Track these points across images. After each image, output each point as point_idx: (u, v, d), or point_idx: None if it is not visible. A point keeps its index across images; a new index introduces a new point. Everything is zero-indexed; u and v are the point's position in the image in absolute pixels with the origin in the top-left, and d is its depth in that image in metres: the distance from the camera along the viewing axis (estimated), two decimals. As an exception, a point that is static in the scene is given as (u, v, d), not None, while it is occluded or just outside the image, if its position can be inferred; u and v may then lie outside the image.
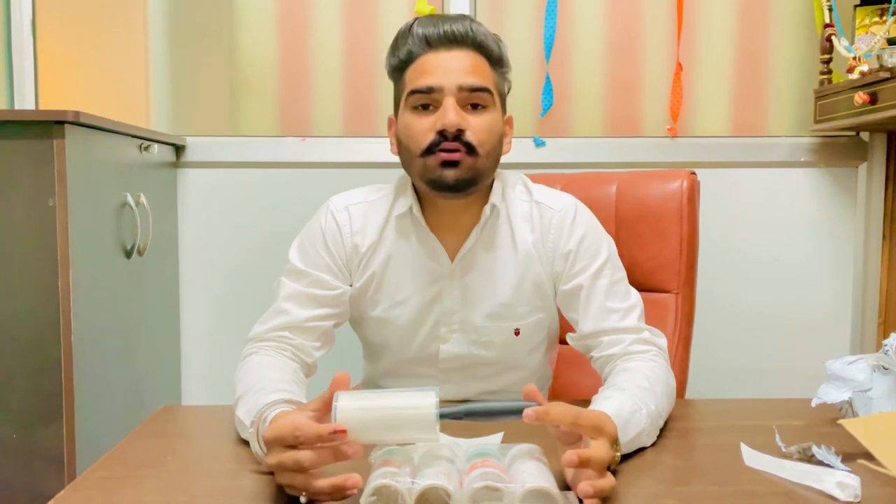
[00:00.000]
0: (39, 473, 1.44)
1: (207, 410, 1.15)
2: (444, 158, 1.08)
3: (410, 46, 1.12)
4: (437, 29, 1.10)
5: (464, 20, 1.11)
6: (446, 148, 1.07)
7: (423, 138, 1.09)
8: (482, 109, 1.10)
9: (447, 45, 1.10)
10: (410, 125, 1.11)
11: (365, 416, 0.75)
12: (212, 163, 2.06)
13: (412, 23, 1.13)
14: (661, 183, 1.44)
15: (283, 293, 1.14)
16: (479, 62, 1.11)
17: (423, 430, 0.75)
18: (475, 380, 1.21)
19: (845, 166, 2.02)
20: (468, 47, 1.11)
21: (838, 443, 0.87)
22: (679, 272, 1.40)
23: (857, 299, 2.03)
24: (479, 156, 1.09)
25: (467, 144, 1.08)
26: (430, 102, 1.09)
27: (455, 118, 1.07)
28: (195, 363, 2.09)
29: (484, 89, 1.10)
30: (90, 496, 0.79)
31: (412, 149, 1.11)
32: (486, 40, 1.12)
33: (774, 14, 2.03)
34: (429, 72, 1.09)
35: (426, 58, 1.10)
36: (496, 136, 1.12)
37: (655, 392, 0.97)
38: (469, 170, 1.09)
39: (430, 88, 1.08)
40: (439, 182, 1.09)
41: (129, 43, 2.12)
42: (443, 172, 1.08)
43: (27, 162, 1.41)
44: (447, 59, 1.10)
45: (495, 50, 1.13)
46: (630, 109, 2.06)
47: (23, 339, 1.43)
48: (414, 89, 1.10)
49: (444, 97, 1.08)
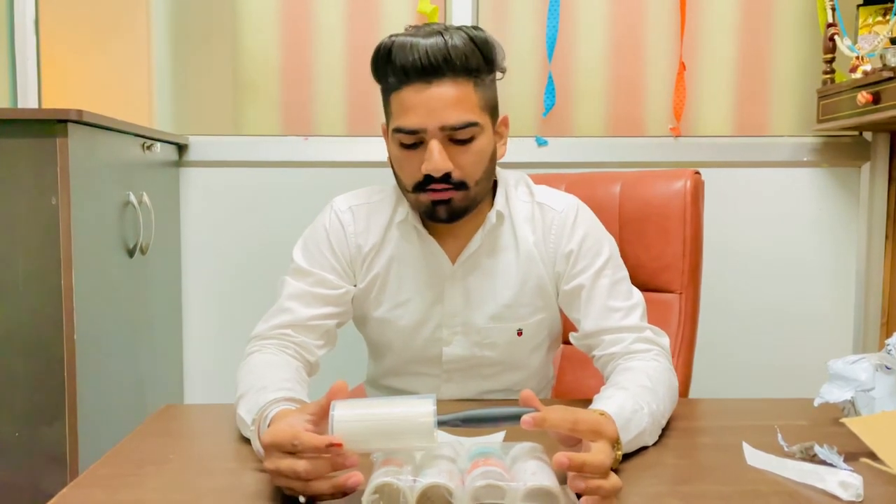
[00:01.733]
0: (42, 471, 1.44)
1: (210, 409, 1.15)
2: (434, 198, 1.08)
3: (391, 76, 1.07)
4: (413, 57, 1.03)
5: (438, 38, 1.04)
6: (435, 188, 1.07)
7: (412, 177, 1.09)
8: (469, 141, 1.08)
9: (426, 77, 1.04)
10: (399, 161, 1.11)
11: (361, 426, 0.74)
12: (214, 162, 2.06)
13: (390, 44, 1.06)
14: (666, 183, 1.44)
15: (287, 292, 1.14)
16: (461, 91, 1.06)
17: (420, 437, 0.75)
18: (478, 379, 1.21)
19: (848, 166, 2.02)
20: (447, 76, 1.05)
21: (841, 442, 0.87)
22: (683, 272, 1.40)
23: (859, 299, 2.03)
24: (470, 188, 1.09)
25: (455, 183, 1.08)
26: (416, 140, 1.07)
27: (439, 163, 1.05)
28: (197, 362, 2.09)
29: (468, 125, 1.06)
30: (92, 494, 0.79)
31: (403, 181, 1.12)
32: (466, 58, 1.05)
33: (777, 13, 2.03)
34: (411, 110, 1.05)
35: (406, 93, 1.06)
36: (485, 162, 1.11)
37: (657, 391, 0.97)
38: (461, 201, 1.09)
39: (413, 130, 1.06)
40: (432, 216, 1.11)
41: (132, 42, 2.12)
42: (434, 209, 1.09)
43: (30, 160, 1.41)
44: (426, 95, 1.04)
45: (477, 62, 1.07)
46: (633, 109, 2.06)
47: (26, 338, 1.43)
48: (398, 128, 1.07)
49: (428, 139, 1.06)
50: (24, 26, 2.06)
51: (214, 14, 2.11)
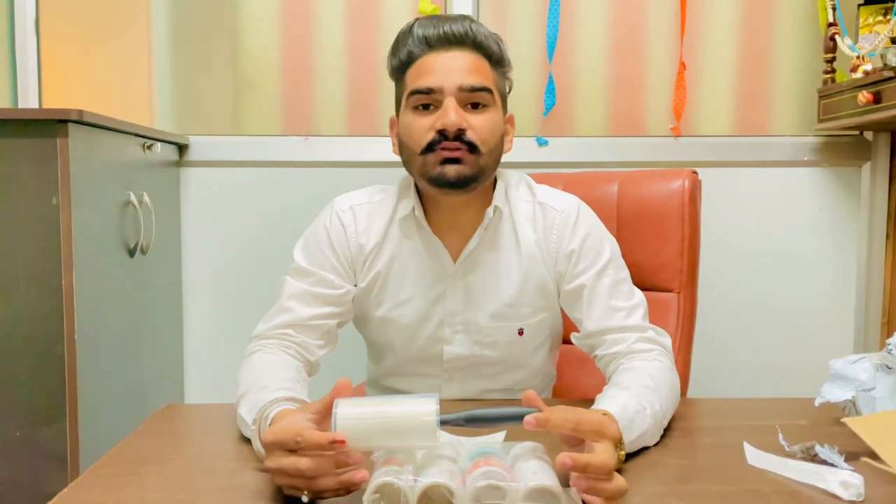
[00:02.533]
0: (43, 471, 1.44)
1: (210, 408, 1.16)
2: (444, 156, 1.08)
3: (411, 47, 1.12)
4: (437, 29, 1.10)
5: (464, 20, 1.11)
6: (447, 147, 1.08)
7: (424, 137, 1.09)
8: (483, 109, 1.10)
9: (447, 45, 1.10)
10: (411, 124, 1.11)
11: (365, 424, 0.74)
12: (215, 162, 2.06)
13: (412, 23, 1.13)
14: (663, 182, 1.44)
15: (288, 291, 1.14)
16: (479, 62, 1.11)
17: (423, 436, 0.75)
18: (479, 378, 1.21)
19: (849, 166, 2.02)
20: (468, 47, 1.11)
21: (841, 442, 0.87)
22: (681, 271, 1.40)
23: (860, 298, 2.03)
24: (482, 154, 1.09)
25: (468, 143, 1.08)
26: (431, 102, 1.09)
27: (455, 118, 1.07)
28: (198, 361, 2.09)
29: (484, 89, 1.10)
30: (93, 494, 0.79)
31: (413, 147, 1.11)
32: (487, 40, 1.12)
33: (778, 13, 2.03)
34: (429, 72, 1.09)
35: (426, 58, 1.10)
36: (497, 134, 1.12)
37: (659, 391, 0.97)
38: (471, 166, 1.09)
39: (430, 89, 1.09)
40: (440, 179, 1.09)
41: (132, 42, 2.12)
42: (444, 169, 1.08)
43: (31, 160, 1.41)
44: (447, 59, 1.10)
45: (495, 50, 1.13)
46: (633, 109, 2.06)
47: (26, 338, 1.43)
48: (414, 89, 1.10)
49: (445, 97, 1.08)
50: (24, 26, 2.06)
51: (215, 14, 2.11)
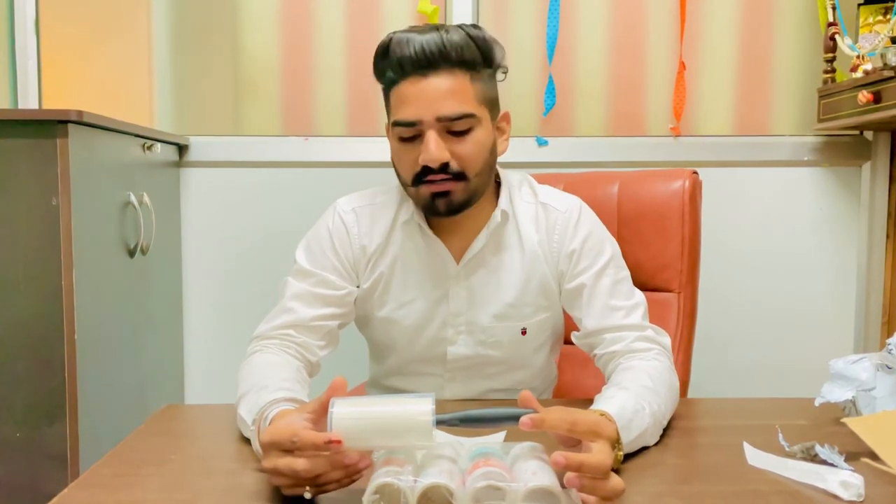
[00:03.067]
0: (43, 471, 1.44)
1: (211, 409, 1.16)
2: (433, 190, 1.08)
3: (389, 72, 1.09)
4: (409, 51, 1.05)
5: (435, 33, 1.06)
6: (433, 179, 1.07)
7: (410, 170, 1.09)
8: (467, 133, 1.08)
9: (422, 70, 1.06)
10: (397, 154, 1.12)
11: (360, 424, 0.74)
12: (215, 162, 2.06)
13: (388, 42, 1.08)
14: (663, 182, 1.44)
15: (290, 292, 1.14)
16: (457, 83, 1.06)
17: (419, 436, 0.75)
18: (482, 378, 1.21)
19: (849, 165, 2.02)
20: (443, 68, 1.06)
21: (842, 442, 0.87)
22: (681, 272, 1.40)
23: (860, 298, 2.03)
24: (469, 179, 1.09)
25: (454, 173, 1.08)
26: (414, 133, 1.08)
27: (435, 153, 1.05)
28: (198, 362, 2.09)
29: (464, 116, 1.06)
30: (93, 494, 0.79)
31: (402, 176, 1.12)
32: (462, 52, 1.06)
33: (778, 12, 2.03)
34: (408, 102, 1.07)
35: (404, 86, 1.07)
36: (484, 154, 1.10)
37: (658, 391, 0.97)
38: (461, 193, 1.09)
39: (410, 122, 1.07)
40: (432, 210, 1.11)
41: (132, 42, 2.12)
42: (434, 203, 1.09)
43: (31, 161, 1.41)
44: (423, 87, 1.06)
45: (473, 56, 1.08)
46: (633, 109, 2.06)
47: (26, 338, 1.43)
48: (396, 121, 1.09)
49: (425, 129, 1.06)
50: (24, 27, 2.06)
51: (215, 14, 2.11)
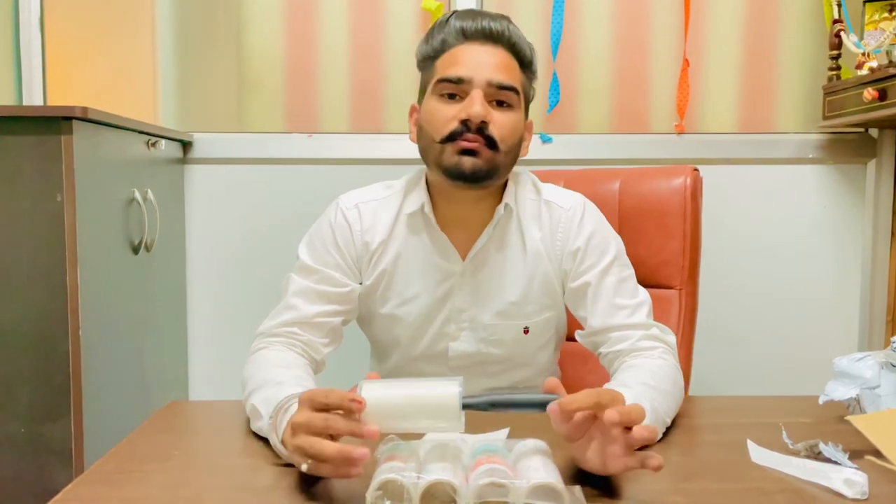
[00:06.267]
0: (47, 467, 1.45)
1: (214, 405, 1.16)
2: (463, 147, 1.08)
3: (445, 36, 1.13)
4: (475, 23, 1.11)
5: (502, 19, 1.12)
6: (467, 138, 1.08)
7: (446, 125, 1.09)
8: (507, 108, 1.11)
9: (482, 39, 1.11)
10: (434, 111, 1.11)
11: (389, 403, 0.75)
12: (219, 159, 2.06)
13: (450, 15, 1.14)
14: (665, 179, 1.44)
15: (293, 289, 1.15)
16: (510, 62, 1.12)
17: (446, 418, 0.75)
18: (483, 377, 1.21)
19: (854, 163, 2.01)
20: (502, 45, 1.11)
21: (846, 440, 0.87)
22: (683, 268, 1.40)
23: (864, 296, 2.03)
24: (500, 151, 1.09)
25: (489, 138, 1.08)
26: (458, 92, 1.10)
27: (480, 110, 1.07)
28: (202, 358, 2.10)
29: (512, 88, 1.10)
30: (97, 490, 0.79)
31: (433, 134, 1.11)
32: (521, 42, 1.13)
33: (782, 9, 2.03)
34: (461, 62, 1.10)
35: (460, 49, 1.11)
36: (517, 135, 1.12)
37: (659, 389, 0.96)
38: (487, 161, 1.08)
39: (459, 79, 1.09)
40: (455, 170, 1.08)
41: (136, 39, 2.12)
42: (461, 160, 1.08)
43: (35, 157, 1.41)
44: (480, 52, 1.10)
45: (528, 54, 1.14)
46: (637, 106, 2.06)
47: (31, 334, 1.44)
48: (443, 77, 1.10)
49: (473, 89, 1.08)
50: (29, 24, 2.06)
51: (219, 11, 2.11)
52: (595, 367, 1.17)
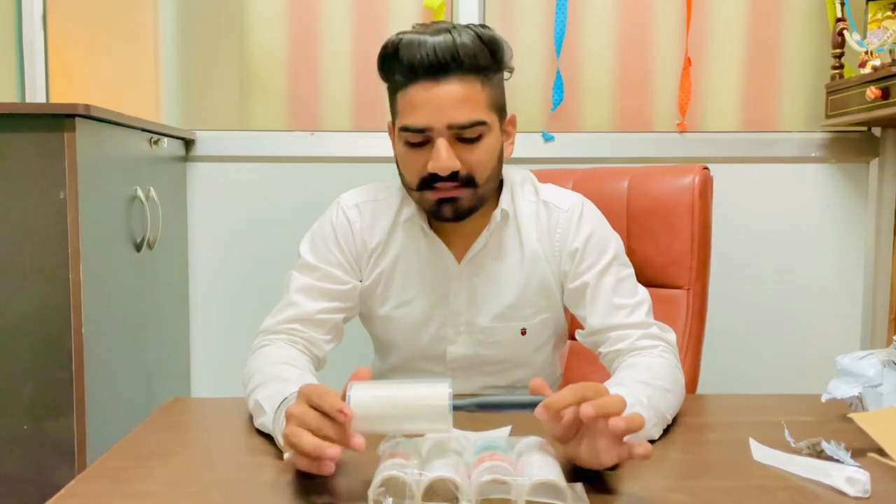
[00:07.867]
0: (50, 464, 1.45)
1: (217, 402, 1.16)
2: (440, 196, 1.07)
3: (398, 73, 1.06)
4: (421, 54, 1.02)
5: (446, 35, 1.03)
6: (442, 187, 1.06)
7: (418, 174, 1.08)
8: (476, 140, 1.06)
9: (433, 75, 1.03)
10: (404, 158, 1.10)
11: (377, 405, 0.75)
12: (221, 157, 2.07)
13: (397, 42, 1.05)
14: (674, 178, 1.43)
15: (294, 286, 1.15)
16: (468, 90, 1.04)
17: (435, 421, 0.75)
18: (483, 376, 1.22)
19: (856, 162, 2.01)
20: (456, 74, 1.03)
21: (848, 438, 0.87)
22: (691, 268, 1.39)
23: (867, 295, 2.02)
24: (478, 186, 1.08)
25: (464, 179, 1.07)
26: (423, 140, 1.06)
27: (446, 161, 1.04)
28: (205, 355, 2.10)
29: (476, 123, 1.05)
30: (100, 486, 0.79)
31: (408, 180, 1.11)
32: (475, 57, 1.04)
33: (785, 8, 2.02)
34: (418, 108, 1.04)
35: (414, 90, 1.04)
36: (493, 160, 1.10)
37: (658, 386, 0.96)
38: (468, 200, 1.08)
39: (420, 129, 1.05)
40: (437, 215, 1.10)
41: (139, 37, 2.12)
42: (441, 208, 1.08)
43: (38, 155, 1.42)
44: (434, 92, 1.03)
45: (485, 61, 1.05)
46: (639, 104, 2.06)
47: (34, 331, 1.44)
48: (404, 127, 1.06)
49: (436, 137, 1.05)
50: (31, 21, 2.06)
51: (221, 9, 2.11)
52: (600, 366, 1.16)
